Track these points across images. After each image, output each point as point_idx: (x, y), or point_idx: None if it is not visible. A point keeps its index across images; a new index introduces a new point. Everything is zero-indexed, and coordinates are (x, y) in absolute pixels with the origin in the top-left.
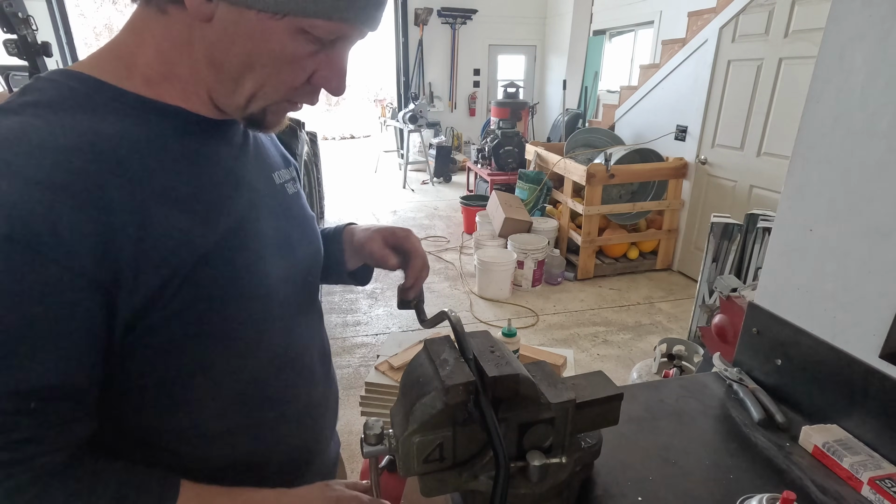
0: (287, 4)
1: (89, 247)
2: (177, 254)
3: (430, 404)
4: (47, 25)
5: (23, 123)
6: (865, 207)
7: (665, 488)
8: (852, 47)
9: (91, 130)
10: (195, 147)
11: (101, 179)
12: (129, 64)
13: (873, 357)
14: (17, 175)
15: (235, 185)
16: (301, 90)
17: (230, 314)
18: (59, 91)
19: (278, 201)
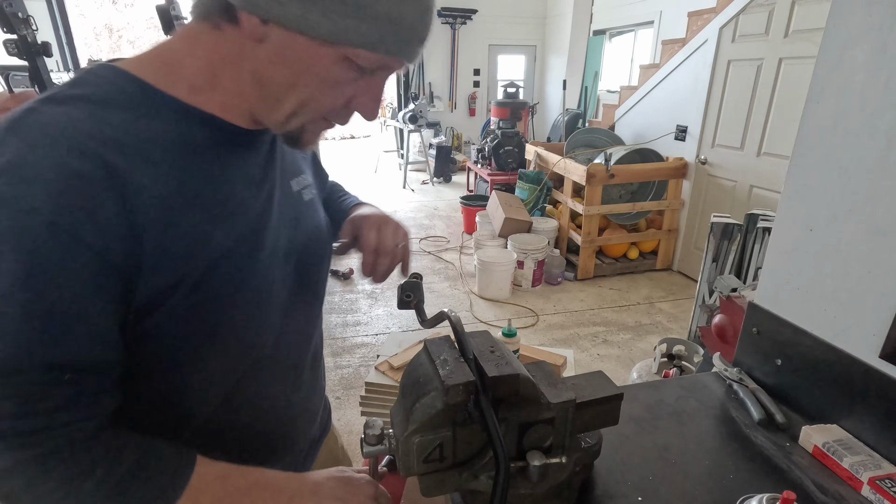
0: (337, 34)
1: (119, 237)
2: (194, 255)
3: (430, 404)
4: (47, 25)
5: (68, 114)
6: (865, 207)
7: (665, 488)
8: (852, 47)
9: (130, 129)
10: (225, 155)
11: (134, 177)
12: (176, 71)
13: (873, 357)
14: (61, 166)
15: (254, 194)
16: (338, 112)
17: (230, 318)
18: (106, 88)
19: (292, 209)
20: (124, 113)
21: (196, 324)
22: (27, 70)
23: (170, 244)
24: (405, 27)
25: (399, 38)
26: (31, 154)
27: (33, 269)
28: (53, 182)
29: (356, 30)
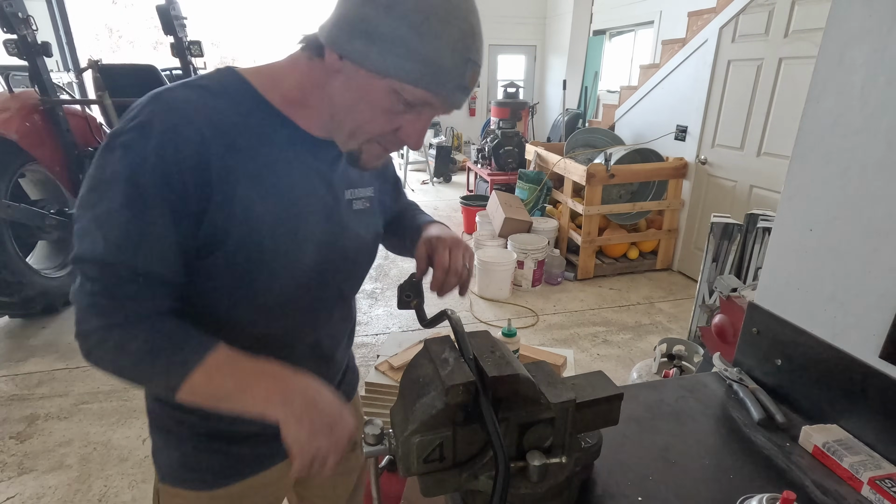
0: (387, 69)
1: (195, 187)
2: (240, 219)
3: (430, 404)
4: (47, 25)
5: (188, 96)
6: (865, 207)
7: (665, 488)
8: (852, 47)
9: (227, 115)
10: (294, 153)
11: (216, 149)
12: (277, 83)
13: (873, 357)
14: (173, 130)
15: (309, 190)
16: (388, 138)
17: (262, 278)
18: (222, 83)
19: (341, 214)
20: (227, 103)
21: (234, 274)
22: (27, 70)
23: (228, 203)
24: (444, 70)
25: (438, 80)
26: (154, 119)
27: (135, 198)
28: (162, 139)
29: (403, 67)
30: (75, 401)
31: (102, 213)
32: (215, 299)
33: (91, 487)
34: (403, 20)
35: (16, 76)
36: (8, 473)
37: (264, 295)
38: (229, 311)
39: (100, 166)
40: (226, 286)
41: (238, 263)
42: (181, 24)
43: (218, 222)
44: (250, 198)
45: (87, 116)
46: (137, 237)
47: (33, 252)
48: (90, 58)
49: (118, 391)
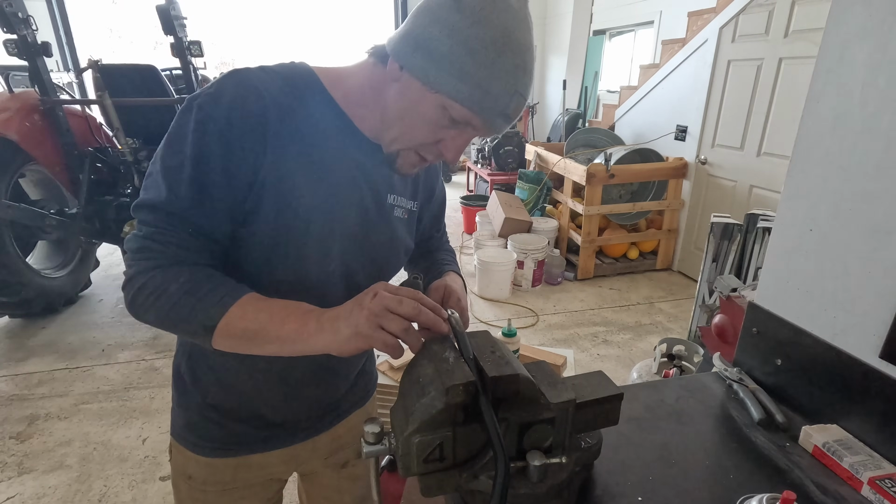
0: (440, 85)
1: (254, 154)
2: (283, 193)
3: (430, 404)
4: (47, 25)
5: (261, 76)
6: (865, 207)
7: (665, 488)
8: (852, 47)
9: (291, 98)
10: (344, 146)
11: (278, 128)
12: (342, 81)
13: (873, 357)
14: (242, 100)
15: (351, 183)
16: (428, 148)
17: (288, 263)
18: (292, 71)
19: (377, 213)
20: (294, 89)
21: (265, 247)
22: (27, 70)
23: (276, 177)
24: (491, 96)
25: (484, 104)
26: (228, 88)
27: (200, 156)
28: (232, 107)
29: (454, 86)
30: (75, 401)
31: (171, 165)
32: (244, 272)
33: (91, 487)
34: (464, 45)
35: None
36: (8, 473)
37: (290, 274)
38: (254, 287)
39: (176, 123)
40: (256, 259)
41: (270, 236)
42: (181, 24)
43: (262, 191)
44: (294, 174)
45: (87, 116)
46: (197, 191)
47: (33, 252)
48: (90, 58)
49: (118, 391)
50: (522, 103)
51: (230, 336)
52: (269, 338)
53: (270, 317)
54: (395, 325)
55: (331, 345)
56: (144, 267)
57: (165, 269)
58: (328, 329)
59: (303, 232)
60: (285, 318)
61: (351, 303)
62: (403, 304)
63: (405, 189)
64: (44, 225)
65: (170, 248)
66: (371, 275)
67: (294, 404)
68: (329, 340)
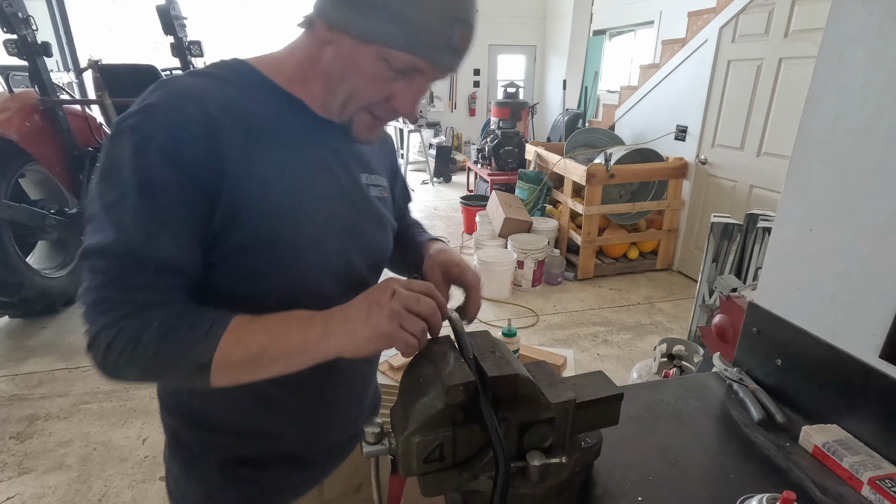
0: (371, 34)
1: (207, 168)
2: (257, 199)
3: (430, 404)
4: (47, 25)
5: (194, 82)
6: (865, 207)
7: (665, 488)
8: (852, 47)
9: (234, 98)
10: (304, 132)
11: (226, 127)
12: (280, 64)
13: (873, 357)
14: (180, 111)
15: (320, 169)
16: (380, 106)
17: (280, 274)
18: (226, 71)
19: (357, 195)
20: (234, 89)
21: (255, 262)
22: (27, 70)
23: (243, 184)
24: (428, 32)
25: (422, 43)
26: (161, 100)
27: (145, 181)
28: (169, 119)
29: (386, 32)
30: (75, 401)
31: (112, 201)
32: (229, 296)
33: (91, 487)
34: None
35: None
36: (8, 473)
37: (284, 286)
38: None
39: (108, 154)
40: (241, 279)
41: (255, 250)
42: (181, 24)
43: (234, 204)
44: (266, 178)
45: (87, 116)
46: (148, 222)
47: (33, 252)
48: (90, 58)
49: (118, 391)
50: (469, 32)
51: (230, 367)
52: (274, 356)
53: (269, 334)
54: (416, 325)
55: (345, 347)
56: (107, 321)
57: (132, 318)
58: (339, 331)
59: (292, 236)
60: (286, 332)
61: (363, 302)
62: (421, 302)
63: (373, 166)
64: (44, 225)
65: (131, 294)
66: (371, 265)
67: (325, 432)
68: (343, 343)
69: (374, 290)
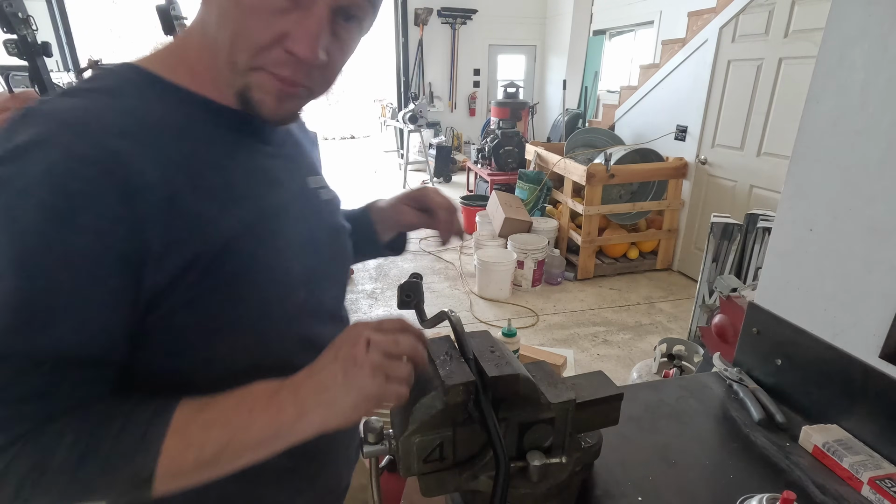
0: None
1: (121, 221)
2: (202, 238)
3: (430, 404)
4: (47, 25)
5: (78, 105)
6: (865, 207)
7: (665, 488)
8: (852, 47)
9: (135, 116)
10: (232, 140)
11: (137, 161)
12: (181, 59)
13: (873, 357)
14: (64, 150)
15: (267, 183)
16: (275, 56)
17: (246, 310)
18: (114, 80)
19: (311, 205)
20: (130, 101)
21: (209, 315)
22: (27, 70)
23: (176, 226)
24: None
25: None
26: (39, 138)
27: (23, 253)
28: (54, 164)
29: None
30: None
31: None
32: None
33: None
34: None
35: (16, 76)
36: None
37: (244, 338)
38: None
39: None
40: (192, 343)
41: (206, 302)
42: (181, 24)
43: (167, 258)
44: (204, 212)
45: None
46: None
47: None
48: (90, 58)
49: None
50: None
51: (180, 475)
52: (238, 451)
53: (228, 427)
54: (402, 371)
55: (328, 421)
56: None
57: (32, 439)
58: (316, 406)
59: (248, 273)
60: (249, 419)
61: (334, 363)
62: (401, 343)
63: (314, 168)
64: None
65: (24, 406)
66: (335, 278)
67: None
68: (324, 418)
69: (343, 345)
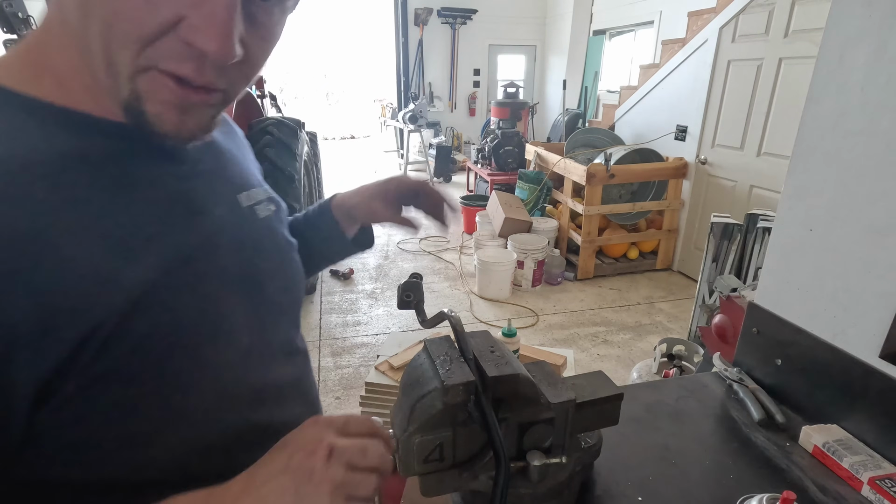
0: None
1: None
2: (99, 301)
3: (430, 404)
4: None
5: None
6: (865, 207)
7: (665, 488)
8: (852, 47)
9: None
10: (126, 166)
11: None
12: (38, 63)
13: (873, 357)
14: None
15: (183, 213)
16: (165, 46)
17: (176, 374)
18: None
19: (244, 229)
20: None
21: (127, 390)
22: None
23: (58, 297)
24: None
25: None
26: None
27: None
28: None
29: None
30: None
31: None
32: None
33: None
34: None
35: None
36: None
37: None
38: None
39: None
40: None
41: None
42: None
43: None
44: (92, 260)
45: None
46: None
47: None
48: None
49: None
50: None
51: None
52: None
53: None
54: (368, 487)
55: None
56: None
57: None
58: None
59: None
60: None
61: (283, 474)
62: (368, 450)
63: (245, 180)
64: None
65: None
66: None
67: None
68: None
69: (297, 450)
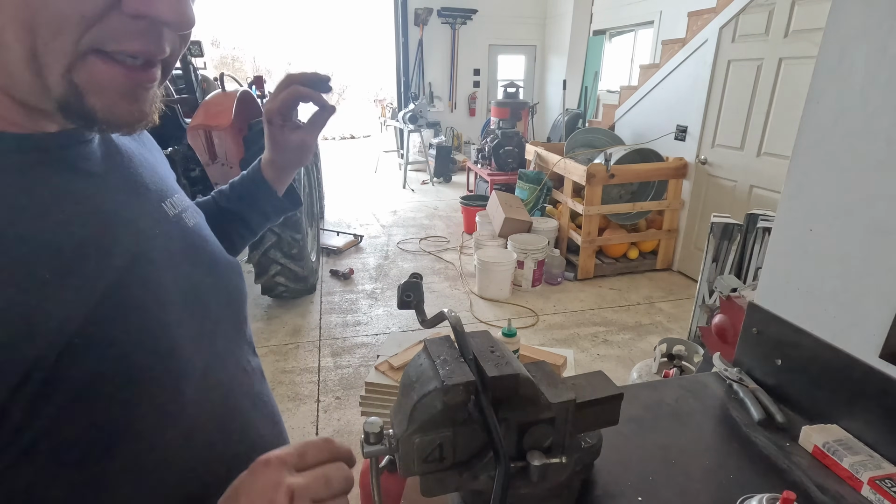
0: None
1: None
2: (21, 350)
3: (430, 404)
4: None
5: None
6: (865, 207)
7: (665, 488)
8: (852, 47)
9: None
10: (29, 184)
11: None
12: None
13: (873, 357)
14: None
15: (105, 228)
16: (110, 24)
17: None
18: None
19: (176, 239)
20: None
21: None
22: None
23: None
24: None
25: None
26: None
27: None
28: None
29: None
30: None
31: None
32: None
33: None
34: None
35: None
36: None
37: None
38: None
39: None
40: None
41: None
42: None
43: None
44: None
45: None
46: None
47: None
48: None
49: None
50: None
51: None
52: None
53: None
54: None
55: None
56: None
57: None
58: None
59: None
60: None
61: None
62: (331, 478)
63: (165, 186)
64: None
65: None
66: (237, 331)
67: None
68: None
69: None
